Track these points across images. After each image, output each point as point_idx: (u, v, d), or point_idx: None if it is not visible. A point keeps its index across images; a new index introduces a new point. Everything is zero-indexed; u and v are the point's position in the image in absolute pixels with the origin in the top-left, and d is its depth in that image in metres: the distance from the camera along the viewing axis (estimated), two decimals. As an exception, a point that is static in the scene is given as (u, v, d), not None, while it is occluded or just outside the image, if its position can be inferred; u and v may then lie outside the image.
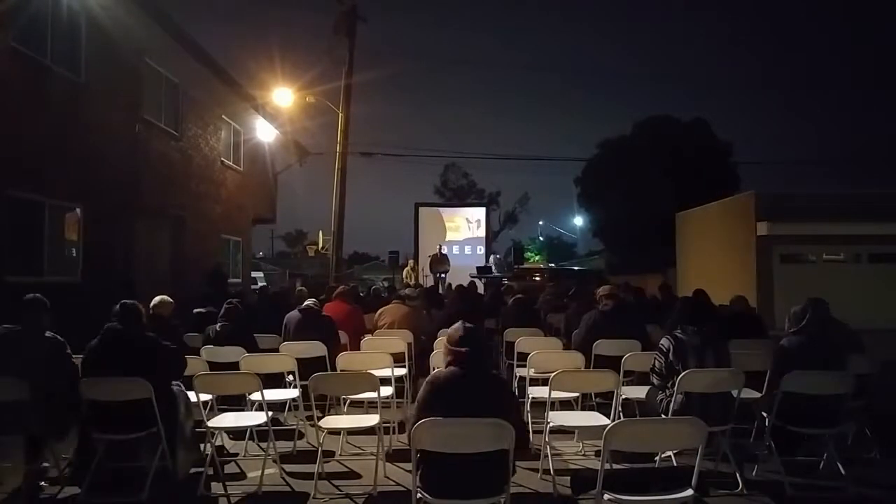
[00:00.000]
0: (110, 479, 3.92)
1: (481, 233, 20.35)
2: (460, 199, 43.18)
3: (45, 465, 4.04)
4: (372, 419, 4.35)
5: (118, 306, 4.07)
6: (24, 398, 3.69)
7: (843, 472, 3.98)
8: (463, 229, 20.40)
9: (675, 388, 4.01)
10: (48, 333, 4.11)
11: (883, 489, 4.12)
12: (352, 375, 4.78)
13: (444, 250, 17.59)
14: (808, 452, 4.30)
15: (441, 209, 23.34)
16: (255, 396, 4.40)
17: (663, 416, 4.05)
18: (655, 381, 4.32)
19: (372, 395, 4.28)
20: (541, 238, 47.40)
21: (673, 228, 20.74)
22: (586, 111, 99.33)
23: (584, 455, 4.74)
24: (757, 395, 4.62)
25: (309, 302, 6.27)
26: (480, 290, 12.99)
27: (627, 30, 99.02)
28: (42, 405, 3.78)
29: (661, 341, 4.32)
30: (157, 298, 5.74)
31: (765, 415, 4.26)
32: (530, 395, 4.88)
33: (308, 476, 4.22)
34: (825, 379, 4.06)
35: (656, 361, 4.30)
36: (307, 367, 4.88)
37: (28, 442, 3.92)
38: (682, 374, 4.01)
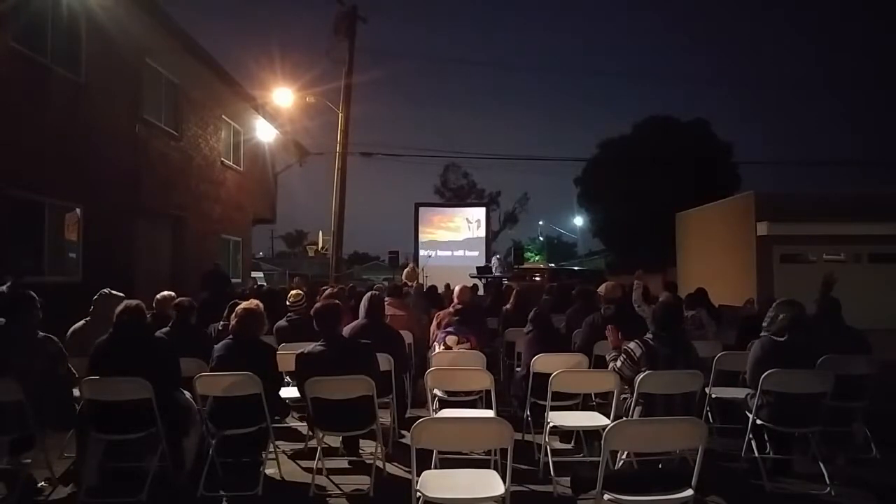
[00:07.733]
0: (110, 479, 3.92)
1: (481, 233, 20.32)
2: (460, 199, 43.16)
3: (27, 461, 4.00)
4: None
5: (123, 305, 4.07)
6: (11, 398, 3.66)
7: (824, 471, 3.96)
8: (463, 229, 20.39)
9: (636, 389, 3.90)
10: (41, 334, 4.04)
11: (882, 489, 4.12)
12: (350, 377, 4.74)
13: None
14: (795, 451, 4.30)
15: (441, 209, 23.34)
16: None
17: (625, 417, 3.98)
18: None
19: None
20: (541, 238, 47.38)
21: (673, 228, 20.76)
22: (586, 111, 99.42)
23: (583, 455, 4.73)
24: (747, 391, 4.58)
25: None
26: (481, 290, 13.00)
27: (628, 30, 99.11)
28: (31, 404, 3.72)
29: (631, 345, 4.13)
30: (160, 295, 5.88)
31: (749, 415, 4.24)
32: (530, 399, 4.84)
33: (308, 476, 4.22)
34: (802, 377, 4.04)
35: (626, 368, 4.11)
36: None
37: (18, 440, 3.89)
38: (641, 375, 3.91)
